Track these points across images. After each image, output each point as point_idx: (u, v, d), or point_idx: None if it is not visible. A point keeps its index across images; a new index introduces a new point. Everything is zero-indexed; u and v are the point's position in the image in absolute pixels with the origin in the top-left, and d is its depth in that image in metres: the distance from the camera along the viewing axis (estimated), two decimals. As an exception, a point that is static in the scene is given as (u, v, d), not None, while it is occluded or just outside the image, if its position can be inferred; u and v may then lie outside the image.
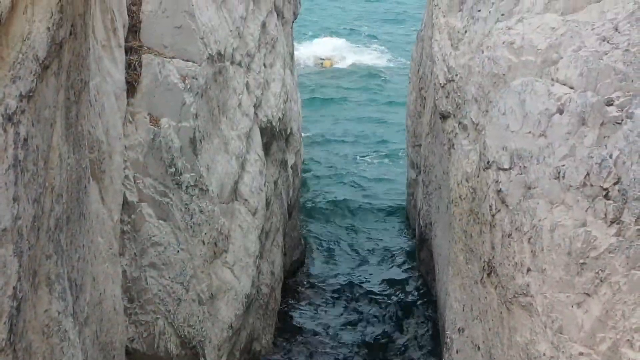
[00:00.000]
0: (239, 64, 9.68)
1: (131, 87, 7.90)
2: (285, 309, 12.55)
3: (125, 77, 7.80)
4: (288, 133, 12.47)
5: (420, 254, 13.34)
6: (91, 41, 6.44)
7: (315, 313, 12.72)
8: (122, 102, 7.74)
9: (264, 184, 9.97)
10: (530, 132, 6.62)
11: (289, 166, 12.45)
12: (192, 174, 7.91)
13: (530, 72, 7.10)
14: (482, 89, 7.63)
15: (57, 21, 4.42)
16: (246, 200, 9.22)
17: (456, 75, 8.22)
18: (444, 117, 8.67)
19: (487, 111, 7.54)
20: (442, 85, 8.67)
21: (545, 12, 7.54)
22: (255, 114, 10.17)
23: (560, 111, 6.44)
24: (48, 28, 4.30)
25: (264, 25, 11.07)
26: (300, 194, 15.59)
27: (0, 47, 3.90)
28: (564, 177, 6.17)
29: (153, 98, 7.87)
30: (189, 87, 7.94)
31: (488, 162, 6.99)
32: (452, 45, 8.48)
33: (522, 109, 6.75)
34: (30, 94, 4.08)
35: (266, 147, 10.77)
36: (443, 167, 9.17)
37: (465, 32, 8.21)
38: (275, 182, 11.31)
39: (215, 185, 8.33)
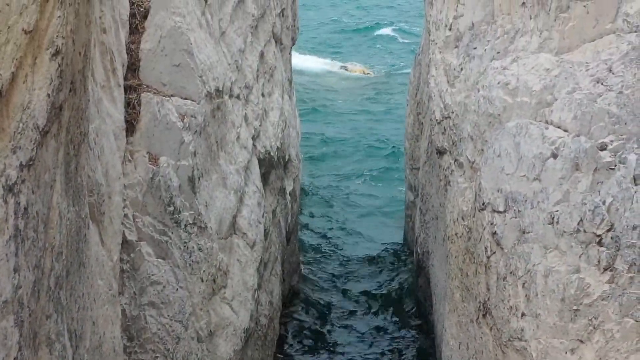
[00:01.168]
0: (238, 97, 9.77)
1: (130, 126, 7.97)
2: (285, 335, 12.63)
3: (125, 116, 7.88)
4: (286, 160, 12.56)
5: (419, 279, 13.41)
6: (91, 85, 6.52)
7: (313, 340, 12.79)
8: (121, 141, 7.81)
9: (262, 215, 10.05)
10: (524, 175, 6.70)
11: (287, 193, 12.53)
12: (191, 212, 7.98)
13: (525, 113, 7.18)
14: (477, 127, 7.72)
15: (56, 86, 4.50)
16: (244, 233, 9.30)
17: (452, 112, 8.31)
18: (440, 152, 8.75)
19: (482, 150, 7.62)
20: (438, 121, 8.77)
21: (540, 52, 7.62)
22: (254, 145, 10.26)
23: (555, 155, 6.52)
24: (48, 95, 4.38)
25: (262, 54, 11.17)
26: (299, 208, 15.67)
27: (1, 118, 3.97)
28: (557, 222, 6.25)
29: (152, 137, 7.94)
30: (187, 125, 8.02)
31: (483, 204, 7.07)
32: (448, 81, 8.57)
33: (517, 152, 6.83)
34: (31, 163, 4.15)
35: (264, 177, 10.86)
36: (440, 199, 9.25)
37: (461, 69, 8.29)
38: (274, 211, 11.39)
39: (214, 221, 8.41)
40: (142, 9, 8.42)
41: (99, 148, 7.14)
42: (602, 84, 7.04)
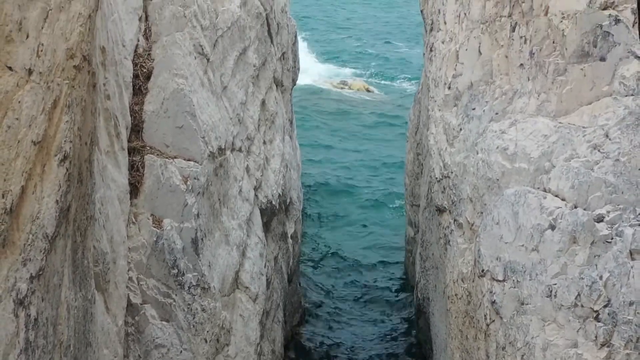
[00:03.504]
0: (240, 150, 9.89)
1: (134, 189, 8.09)
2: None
3: (129, 179, 7.99)
4: (288, 203, 12.67)
5: (419, 321, 13.50)
6: (96, 154, 6.64)
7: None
8: (125, 205, 7.92)
9: (264, 266, 10.15)
10: (523, 245, 6.81)
11: (289, 236, 12.63)
12: (194, 273, 8.09)
13: (524, 179, 7.29)
14: (477, 190, 7.82)
15: (64, 191, 4.61)
16: (247, 287, 9.40)
17: (451, 172, 8.42)
18: (440, 210, 8.86)
19: (481, 213, 7.72)
20: (437, 179, 8.88)
21: (538, 114, 7.74)
22: (256, 195, 10.37)
23: (552, 227, 6.63)
24: (57, 201, 4.48)
25: (263, 102, 11.29)
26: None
27: (12, 232, 4.07)
28: (555, 295, 6.35)
29: (156, 199, 8.06)
30: (190, 188, 8.14)
31: (482, 271, 7.17)
32: (447, 140, 8.68)
33: (515, 221, 6.94)
34: (40, 272, 4.26)
35: (266, 226, 10.96)
36: (439, 252, 9.34)
37: (460, 129, 8.41)
38: (276, 258, 11.50)
39: (217, 280, 8.52)
40: (145, 70, 8.54)
41: (103, 216, 7.25)
42: (599, 150, 7.16)
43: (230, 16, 9.80)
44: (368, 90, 33.48)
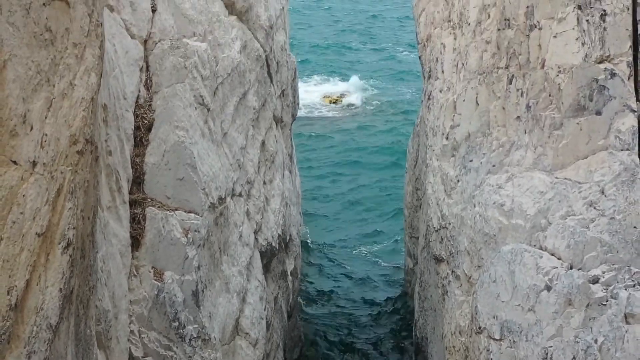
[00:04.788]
0: (240, 195, 9.98)
1: (135, 241, 8.18)
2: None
3: (130, 232, 8.08)
4: (287, 240, 12.75)
5: (418, 357, 13.56)
6: (98, 211, 6.73)
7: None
8: (127, 258, 8.01)
9: (265, 309, 10.23)
10: (519, 305, 6.89)
11: (289, 273, 12.71)
12: (195, 325, 8.17)
13: (520, 236, 7.38)
14: (474, 244, 7.91)
15: (68, 278, 4.69)
16: (247, 333, 9.48)
17: (449, 223, 8.51)
18: (438, 260, 8.95)
19: (479, 266, 7.81)
20: (435, 229, 8.97)
21: (535, 168, 7.82)
22: (256, 239, 10.45)
23: (548, 288, 6.71)
24: (60, 289, 4.57)
25: (263, 143, 11.38)
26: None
27: (16, 325, 4.14)
28: (551, 359, 6.44)
29: (157, 252, 8.15)
30: (191, 240, 8.22)
31: (480, 328, 7.25)
32: (445, 191, 8.78)
33: (512, 281, 7.03)
34: (45, 361, 4.33)
35: (266, 267, 11.05)
36: (438, 299, 9.42)
37: (458, 181, 8.50)
38: (276, 298, 11.58)
39: (217, 330, 8.60)
40: (146, 122, 8.63)
41: (105, 274, 7.34)
42: (594, 207, 7.25)
43: (230, 63, 9.91)
44: (365, 103, 33.45)
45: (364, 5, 57.16)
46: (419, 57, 11.14)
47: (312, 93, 34.20)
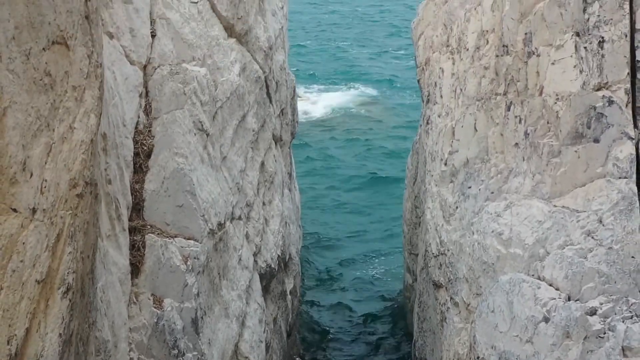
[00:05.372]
0: (239, 218, 10.01)
1: (135, 268, 8.20)
2: None
3: (130, 259, 8.10)
4: (287, 260, 12.77)
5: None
6: (98, 242, 6.75)
7: None
8: (126, 286, 8.03)
9: (264, 331, 10.25)
10: (517, 335, 6.91)
11: (288, 292, 12.73)
12: (194, 352, 8.19)
13: (518, 265, 7.40)
14: (472, 271, 7.93)
15: (67, 322, 4.70)
16: (246, 357, 9.50)
17: (448, 250, 8.54)
18: (437, 286, 8.97)
19: (477, 294, 7.83)
20: (434, 255, 8.99)
21: (533, 196, 7.84)
22: (255, 261, 10.48)
23: (546, 319, 6.73)
24: (60, 334, 4.58)
25: (262, 164, 11.42)
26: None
27: (16, 375, 4.15)
28: (550, 392, 6.46)
29: (156, 279, 8.17)
30: (190, 267, 8.25)
31: (478, 358, 7.27)
32: (444, 217, 8.80)
33: (510, 311, 7.04)
34: (44, 410, 4.34)
35: (265, 288, 11.07)
36: (436, 323, 9.44)
37: (457, 207, 8.52)
38: (275, 319, 11.59)
39: (217, 356, 8.62)
40: (145, 148, 8.66)
41: (105, 304, 7.36)
42: (592, 237, 7.27)
43: (229, 86, 9.94)
44: (369, 110, 33.39)
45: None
46: (418, 81, 11.18)
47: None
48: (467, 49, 8.98)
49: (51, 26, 4.76)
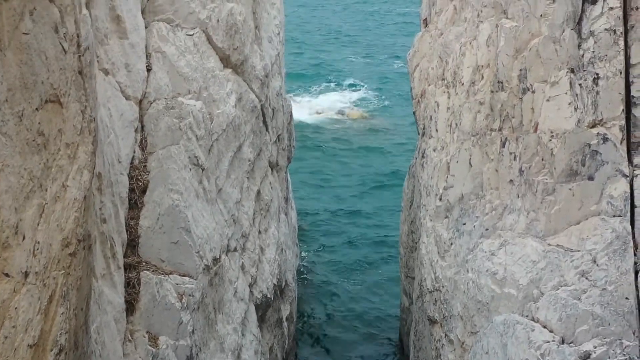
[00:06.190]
0: (234, 250, 10.01)
1: (130, 306, 8.20)
2: None
3: (125, 297, 8.10)
4: (283, 286, 12.77)
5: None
6: (92, 283, 6.75)
7: None
8: (122, 324, 8.03)
9: (260, 362, 10.26)
10: (512, 379, 6.91)
11: (284, 319, 12.72)
12: (190, 390, 8.21)
13: (513, 305, 7.40)
14: (467, 310, 7.93)
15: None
16: (242, 391, 9.51)
17: (442, 286, 8.54)
18: (432, 321, 8.97)
19: (472, 332, 7.83)
20: (429, 290, 9.00)
21: (527, 233, 7.84)
22: (251, 292, 10.48)
23: (540, 364, 6.73)
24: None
25: (258, 193, 11.42)
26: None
27: None
28: None
29: (151, 317, 8.17)
30: (185, 305, 8.25)
31: (473, 399, 7.28)
32: (439, 252, 8.81)
33: (504, 354, 7.05)
34: None
35: (262, 318, 11.06)
36: (432, 358, 9.43)
37: (452, 244, 8.53)
38: (271, 348, 11.59)
39: (212, 392, 8.63)
40: (140, 184, 8.67)
41: (100, 345, 7.35)
42: (586, 278, 7.28)
43: (225, 118, 9.95)
44: (365, 118, 33.27)
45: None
46: (413, 113, 11.19)
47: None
48: (463, 84, 9.00)
49: (44, 85, 4.76)
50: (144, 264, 8.39)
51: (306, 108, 33.27)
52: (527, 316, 7.20)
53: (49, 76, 4.82)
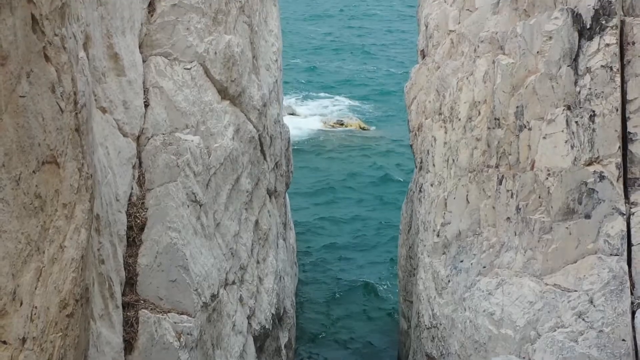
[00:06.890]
0: (233, 283, 10.01)
1: (128, 345, 8.20)
2: None
3: (123, 335, 8.10)
4: (282, 314, 12.77)
5: None
6: (91, 325, 6.75)
7: None
8: (119, 365, 8.02)
9: (258, 394, 10.25)
10: (509, 423, 6.92)
11: (283, 347, 12.72)
12: None
13: (510, 346, 7.41)
14: (464, 349, 7.94)
15: None
16: None
17: (440, 323, 8.55)
18: (430, 358, 8.98)
19: (470, 373, 7.85)
20: (427, 327, 9.01)
21: (524, 273, 7.85)
22: (249, 324, 10.48)
23: (538, 409, 6.74)
24: None
25: (256, 222, 11.42)
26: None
27: None
28: None
29: (150, 356, 8.17)
30: (184, 344, 8.25)
31: None
32: (436, 289, 8.82)
33: (502, 398, 7.06)
34: None
35: (260, 348, 11.06)
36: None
37: (449, 281, 8.54)
38: (270, 378, 11.60)
39: None
40: (138, 221, 8.67)
41: (97, 388, 7.35)
42: (583, 319, 7.29)
43: (223, 152, 9.96)
44: (364, 129, 33.27)
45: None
46: (410, 146, 11.20)
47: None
48: (460, 119, 9.02)
49: (41, 147, 4.76)
50: (142, 302, 8.39)
51: (303, 117, 33.34)
52: (524, 358, 7.21)
53: (46, 137, 4.82)
